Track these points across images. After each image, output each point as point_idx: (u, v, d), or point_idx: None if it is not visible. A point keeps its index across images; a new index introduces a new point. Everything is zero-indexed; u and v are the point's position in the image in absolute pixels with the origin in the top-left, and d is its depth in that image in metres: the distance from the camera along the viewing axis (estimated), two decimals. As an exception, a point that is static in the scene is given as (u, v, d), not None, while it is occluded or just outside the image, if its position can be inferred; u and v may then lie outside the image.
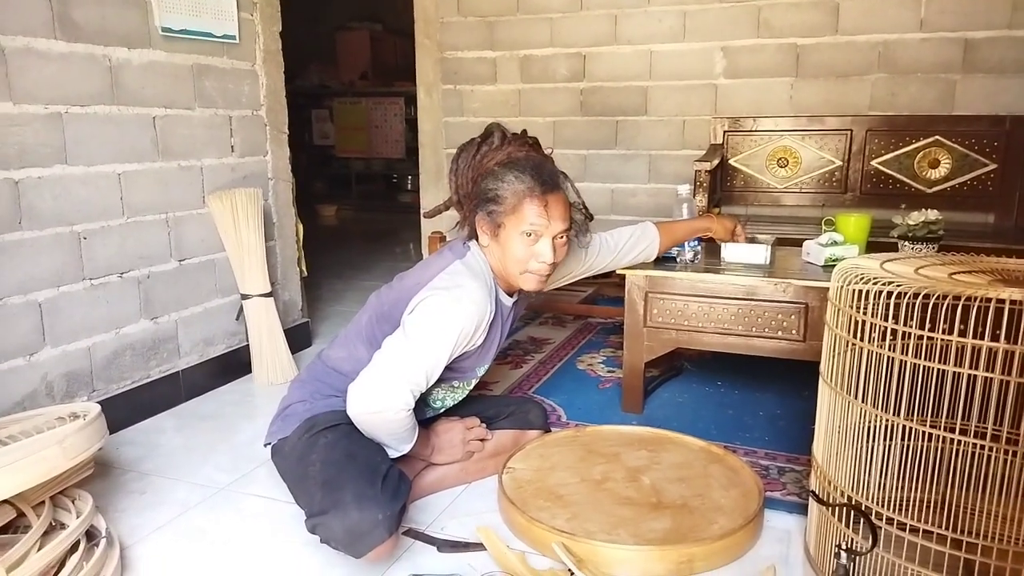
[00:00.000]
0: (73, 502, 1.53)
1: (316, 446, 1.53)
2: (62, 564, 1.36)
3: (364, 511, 1.35)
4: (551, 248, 1.60)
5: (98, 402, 1.67)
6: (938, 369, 1.17)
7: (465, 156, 1.69)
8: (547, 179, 1.60)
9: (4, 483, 1.30)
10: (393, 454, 1.60)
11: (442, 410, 1.84)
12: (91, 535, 1.49)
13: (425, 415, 1.80)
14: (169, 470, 1.94)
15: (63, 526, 1.45)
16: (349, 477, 1.41)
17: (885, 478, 1.29)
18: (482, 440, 1.82)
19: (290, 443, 1.60)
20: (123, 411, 2.17)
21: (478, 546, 1.51)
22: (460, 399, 1.85)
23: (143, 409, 2.27)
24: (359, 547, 1.35)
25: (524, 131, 1.76)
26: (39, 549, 1.33)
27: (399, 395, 1.51)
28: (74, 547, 1.40)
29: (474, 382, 1.85)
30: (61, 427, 1.48)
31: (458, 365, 1.68)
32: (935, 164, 3.10)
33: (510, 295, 1.76)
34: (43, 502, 1.46)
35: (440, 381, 1.65)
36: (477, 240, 1.68)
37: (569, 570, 1.41)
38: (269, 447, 1.69)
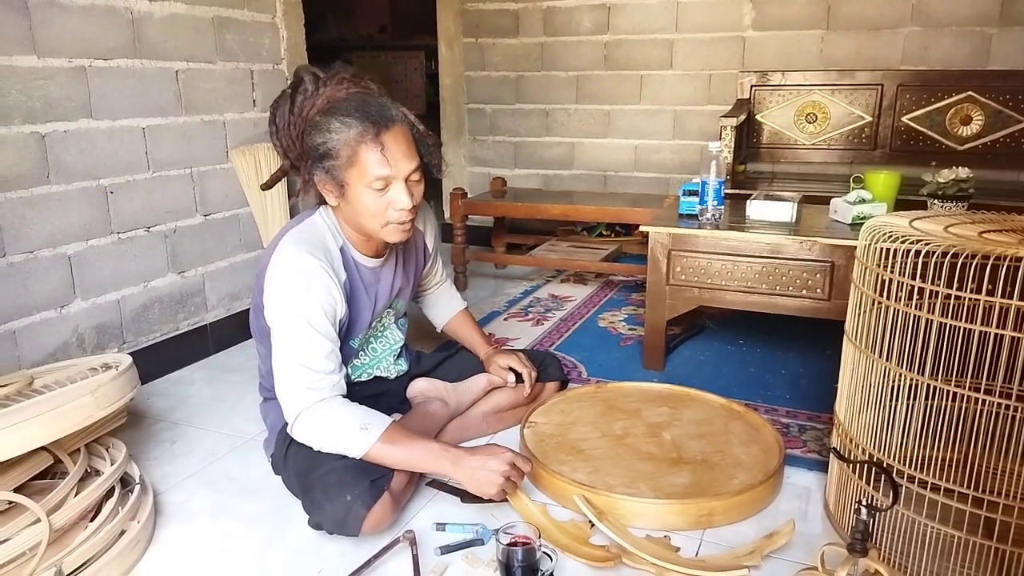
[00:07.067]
0: (107, 450, 1.57)
1: (289, 455, 1.53)
2: (98, 509, 1.41)
3: (333, 501, 1.37)
4: (407, 192, 1.44)
5: (128, 354, 1.70)
6: (964, 328, 1.17)
7: (281, 112, 1.51)
8: (376, 116, 1.41)
9: (40, 431, 1.34)
10: (362, 444, 1.40)
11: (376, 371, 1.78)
12: (125, 481, 1.53)
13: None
14: (198, 420, 1.99)
15: (98, 473, 1.49)
16: (317, 476, 1.41)
17: (907, 436, 1.30)
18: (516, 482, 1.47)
19: (276, 457, 1.62)
20: (153, 363, 2.22)
21: (500, 497, 1.53)
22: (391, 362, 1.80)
23: (172, 361, 2.32)
24: (348, 529, 1.37)
25: (338, 62, 1.55)
26: (76, 494, 1.38)
27: (312, 384, 1.42)
28: (109, 492, 1.45)
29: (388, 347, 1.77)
30: (94, 377, 1.52)
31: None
32: (967, 121, 3.02)
33: (377, 257, 1.61)
34: (78, 450, 1.50)
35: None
36: (327, 203, 1.53)
37: (590, 522, 1.44)
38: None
